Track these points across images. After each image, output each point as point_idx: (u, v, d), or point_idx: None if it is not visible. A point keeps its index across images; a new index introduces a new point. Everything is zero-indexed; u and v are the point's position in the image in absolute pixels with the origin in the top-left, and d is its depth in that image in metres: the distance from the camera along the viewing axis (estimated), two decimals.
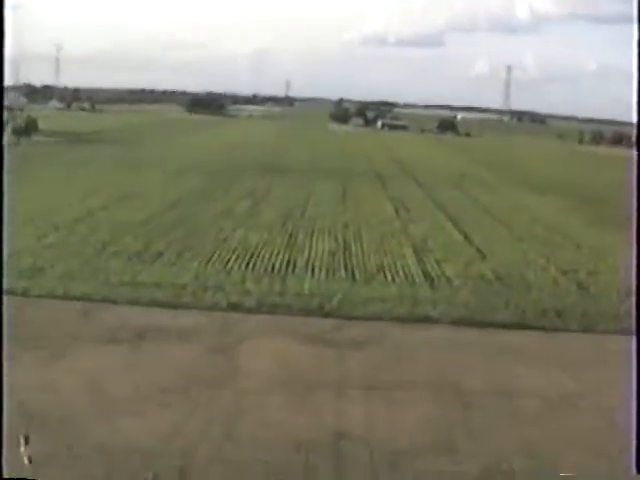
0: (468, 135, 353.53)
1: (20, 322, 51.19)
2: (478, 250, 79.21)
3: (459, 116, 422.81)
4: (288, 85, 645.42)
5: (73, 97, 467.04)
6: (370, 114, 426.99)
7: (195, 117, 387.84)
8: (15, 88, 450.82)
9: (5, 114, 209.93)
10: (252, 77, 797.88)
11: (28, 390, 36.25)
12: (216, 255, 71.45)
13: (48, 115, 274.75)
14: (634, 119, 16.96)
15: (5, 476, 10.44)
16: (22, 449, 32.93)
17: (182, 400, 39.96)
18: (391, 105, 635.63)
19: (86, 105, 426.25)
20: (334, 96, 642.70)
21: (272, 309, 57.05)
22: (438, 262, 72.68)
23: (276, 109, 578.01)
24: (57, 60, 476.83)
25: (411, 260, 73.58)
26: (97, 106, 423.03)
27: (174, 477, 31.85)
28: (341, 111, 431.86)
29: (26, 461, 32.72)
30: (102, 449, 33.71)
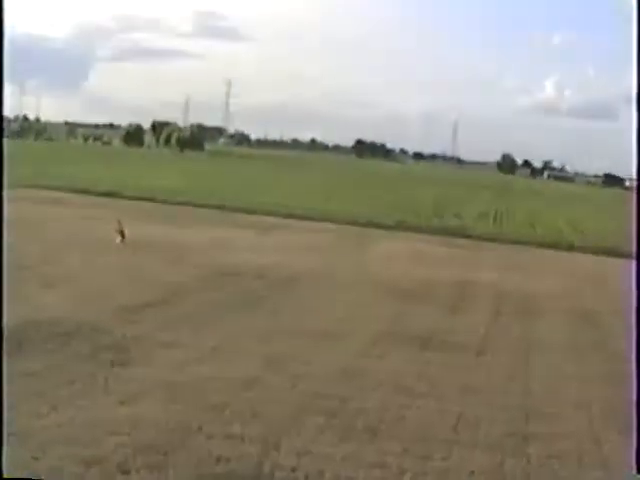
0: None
1: (155, 212, 55.33)
2: None
3: (628, 182, 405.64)
4: (455, 145, 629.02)
5: (242, 138, 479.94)
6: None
7: (361, 161, 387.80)
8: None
9: (169, 128, 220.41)
10: (420, 135, 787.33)
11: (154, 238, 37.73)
12: None
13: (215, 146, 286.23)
14: None
15: (5, 476, 11.02)
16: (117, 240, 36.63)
17: None
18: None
19: (254, 146, 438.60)
20: None
21: None
22: None
23: (443, 167, 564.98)
24: (227, 106, 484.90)
25: None
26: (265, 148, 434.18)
27: None
28: (508, 162, 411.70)
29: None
30: None
